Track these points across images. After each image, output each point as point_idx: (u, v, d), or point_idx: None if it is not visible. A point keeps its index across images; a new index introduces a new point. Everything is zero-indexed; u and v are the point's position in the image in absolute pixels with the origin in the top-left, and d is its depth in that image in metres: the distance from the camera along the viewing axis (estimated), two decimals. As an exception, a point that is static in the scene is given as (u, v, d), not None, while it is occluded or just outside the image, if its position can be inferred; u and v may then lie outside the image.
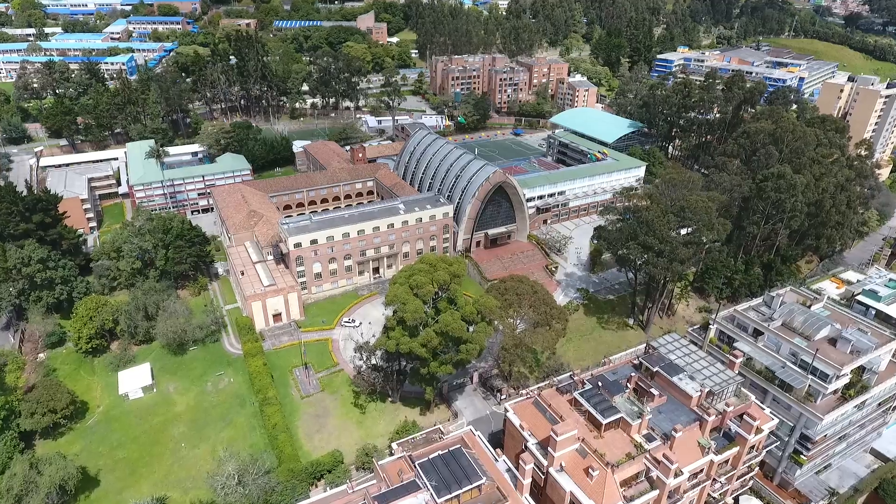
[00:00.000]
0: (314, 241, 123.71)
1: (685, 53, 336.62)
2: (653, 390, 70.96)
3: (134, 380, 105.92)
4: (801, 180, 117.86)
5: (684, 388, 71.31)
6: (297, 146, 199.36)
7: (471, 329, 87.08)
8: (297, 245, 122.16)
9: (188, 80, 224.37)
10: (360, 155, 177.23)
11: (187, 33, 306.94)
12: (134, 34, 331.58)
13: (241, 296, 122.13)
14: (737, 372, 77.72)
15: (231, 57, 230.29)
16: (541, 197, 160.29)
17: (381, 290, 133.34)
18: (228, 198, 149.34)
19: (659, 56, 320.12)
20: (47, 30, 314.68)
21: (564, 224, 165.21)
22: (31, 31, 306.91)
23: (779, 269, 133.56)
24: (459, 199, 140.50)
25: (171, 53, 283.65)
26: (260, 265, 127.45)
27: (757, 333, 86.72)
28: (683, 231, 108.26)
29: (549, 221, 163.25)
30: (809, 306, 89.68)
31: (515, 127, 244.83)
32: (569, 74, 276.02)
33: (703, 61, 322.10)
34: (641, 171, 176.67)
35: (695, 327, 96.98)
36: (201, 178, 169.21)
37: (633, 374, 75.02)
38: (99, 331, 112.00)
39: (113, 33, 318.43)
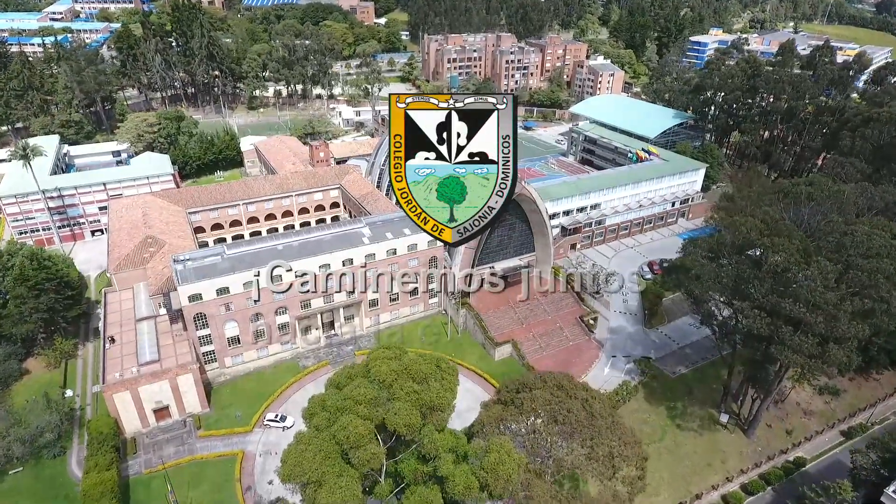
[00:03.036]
0: (224, 291, 78.72)
1: (719, 36, 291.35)
2: None
3: None
4: None
5: None
6: (247, 143, 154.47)
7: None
8: (195, 298, 77.18)
9: (116, 61, 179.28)
10: (322, 154, 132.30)
11: (137, 12, 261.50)
12: (82, 14, 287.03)
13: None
14: None
15: (173, 35, 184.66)
16: (567, 212, 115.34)
17: (335, 359, 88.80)
18: (126, 216, 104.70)
19: (690, 38, 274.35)
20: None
21: (599, 249, 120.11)
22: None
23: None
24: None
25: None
26: (146, 324, 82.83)
27: None
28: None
29: (578, 246, 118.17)
30: None
31: (526, 119, 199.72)
32: (588, 57, 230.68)
33: (743, 44, 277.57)
34: (700, 176, 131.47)
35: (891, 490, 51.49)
36: (102, 187, 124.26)
37: None
38: None
39: (54, 13, 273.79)
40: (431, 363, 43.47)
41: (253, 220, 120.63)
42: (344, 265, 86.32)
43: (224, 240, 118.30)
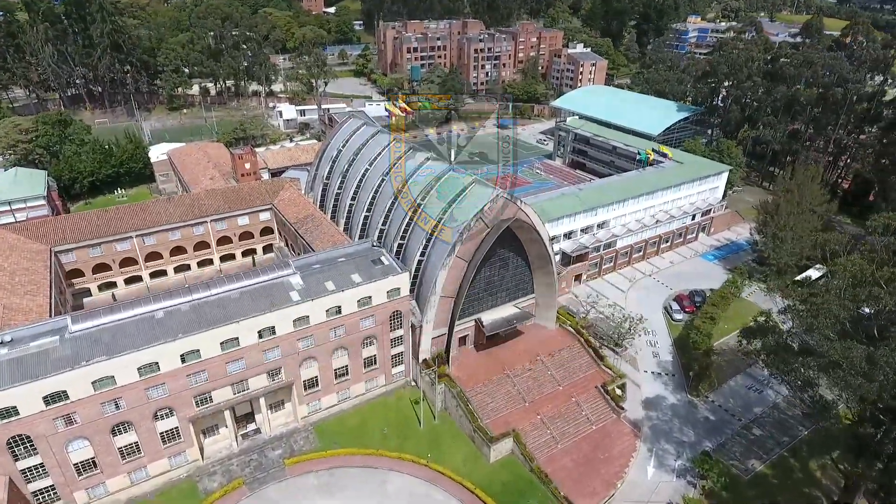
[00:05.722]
0: (59, 397, 49.04)
1: (698, 24, 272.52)
2: None
3: None
4: None
5: None
6: (159, 152, 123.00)
7: None
8: (7, 413, 47.27)
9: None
10: (248, 165, 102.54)
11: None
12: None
13: None
14: None
15: (65, 20, 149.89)
16: (569, 234, 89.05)
17: (255, 473, 59.67)
18: (-45, 262, 73.12)
19: (672, 26, 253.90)
20: None
21: (609, 279, 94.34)
22: None
23: None
24: (423, 254, 67.80)
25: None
26: (-56, 447, 52.09)
27: None
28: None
29: (584, 277, 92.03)
30: None
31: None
32: (565, 46, 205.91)
33: (723, 33, 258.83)
34: (722, 181, 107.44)
35: None
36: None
37: None
38: None
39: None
40: None
41: (154, 256, 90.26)
42: (261, 337, 57.46)
43: (114, 285, 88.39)
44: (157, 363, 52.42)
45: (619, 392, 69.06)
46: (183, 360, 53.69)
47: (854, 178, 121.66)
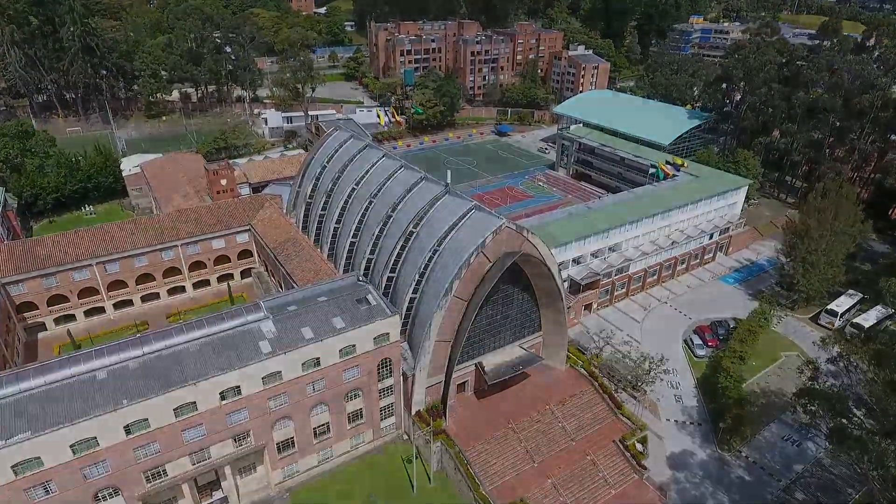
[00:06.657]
0: (-32, 487, 40.24)
1: (702, 24, 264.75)
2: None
3: None
4: None
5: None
6: (132, 164, 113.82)
7: None
8: None
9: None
10: (224, 181, 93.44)
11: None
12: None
13: None
14: None
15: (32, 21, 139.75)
16: (578, 259, 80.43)
17: (218, 554, 50.80)
18: None
19: (674, 26, 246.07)
20: None
21: (621, 306, 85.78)
22: None
23: None
24: (416, 290, 59.05)
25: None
26: None
27: None
28: None
29: (595, 306, 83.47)
30: None
31: (499, 122, 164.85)
32: (566, 47, 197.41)
33: (727, 33, 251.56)
34: (741, 196, 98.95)
35: None
36: None
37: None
38: None
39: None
40: None
41: (117, 285, 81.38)
42: (224, 398, 48.67)
43: (72, 318, 79.24)
44: (95, 438, 43.62)
45: (639, 447, 60.53)
46: (128, 432, 44.92)
47: (876, 189, 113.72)
